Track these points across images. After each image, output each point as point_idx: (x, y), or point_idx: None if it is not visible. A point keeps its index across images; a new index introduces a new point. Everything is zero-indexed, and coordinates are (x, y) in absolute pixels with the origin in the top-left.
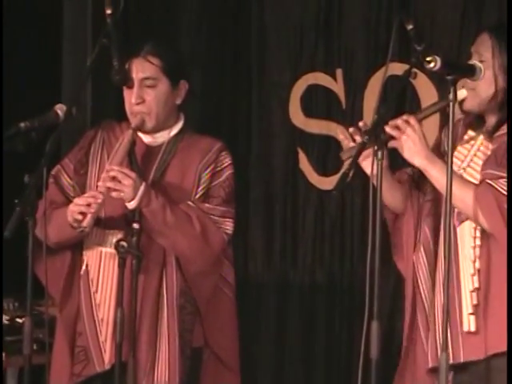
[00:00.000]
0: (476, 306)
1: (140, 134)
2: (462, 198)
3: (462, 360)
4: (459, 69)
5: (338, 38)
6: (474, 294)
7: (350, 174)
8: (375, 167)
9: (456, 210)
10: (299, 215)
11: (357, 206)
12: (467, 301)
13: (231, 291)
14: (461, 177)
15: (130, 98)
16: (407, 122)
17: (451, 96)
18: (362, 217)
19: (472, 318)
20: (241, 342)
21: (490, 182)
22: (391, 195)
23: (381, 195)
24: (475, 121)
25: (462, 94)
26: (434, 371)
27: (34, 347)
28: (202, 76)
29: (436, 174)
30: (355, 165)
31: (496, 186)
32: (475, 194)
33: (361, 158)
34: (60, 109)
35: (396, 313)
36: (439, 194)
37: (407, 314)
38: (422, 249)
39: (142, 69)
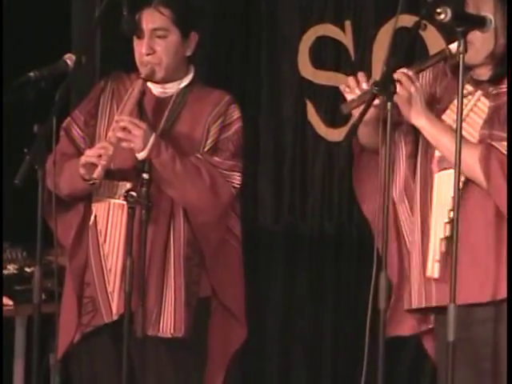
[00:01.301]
0: (443, 254)
1: (150, 86)
2: (463, 156)
3: (422, 304)
4: (469, 21)
5: None
6: (444, 242)
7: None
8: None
9: (437, 156)
10: (308, 167)
11: None
12: (435, 247)
13: (238, 243)
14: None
15: (141, 48)
16: (409, 76)
17: (461, 48)
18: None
19: (437, 265)
20: (249, 294)
21: (495, 144)
22: (369, 135)
23: (390, 147)
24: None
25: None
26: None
27: (43, 296)
28: (211, 28)
29: (433, 132)
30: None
31: (500, 149)
32: (480, 155)
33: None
34: (69, 58)
35: None
36: (418, 134)
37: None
38: (403, 191)
39: (152, 19)
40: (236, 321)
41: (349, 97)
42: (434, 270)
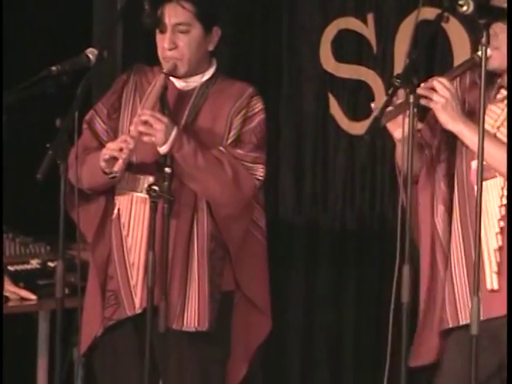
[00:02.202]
0: (499, 265)
1: (172, 79)
2: (498, 157)
3: (482, 318)
4: (492, 12)
5: None
6: (498, 253)
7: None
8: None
9: (474, 168)
10: (329, 160)
11: (388, 150)
12: (491, 259)
13: (262, 235)
14: (494, 136)
15: (163, 43)
16: (443, 83)
17: (484, 40)
18: (393, 161)
19: (495, 276)
20: (271, 286)
21: None
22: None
23: (413, 140)
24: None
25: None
26: (447, 334)
27: (66, 291)
28: (232, 20)
29: (472, 138)
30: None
31: None
32: None
33: (393, 126)
34: (91, 52)
35: None
36: (453, 151)
37: (423, 283)
38: (443, 209)
39: (175, 14)
40: (260, 313)
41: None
42: (492, 281)
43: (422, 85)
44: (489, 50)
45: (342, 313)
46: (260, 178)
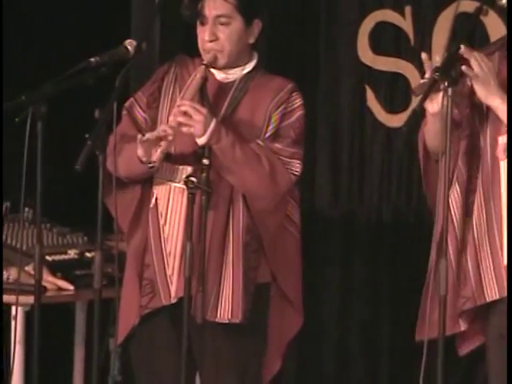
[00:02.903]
0: None
1: (213, 71)
2: None
3: (497, 296)
4: None
5: None
6: None
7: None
8: (445, 103)
9: (502, 143)
10: (366, 153)
11: None
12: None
13: (296, 230)
14: None
15: (203, 34)
16: (482, 57)
17: None
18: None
19: None
20: (307, 280)
21: None
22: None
23: (450, 131)
24: None
25: None
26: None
27: (104, 282)
28: (269, 13)
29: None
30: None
31: None
32: None
33: (427, 101)
34: (130, 44)
35: None
36: (476, 128)
37: (436, 250)
38: (457, 186)
39: (215, 6)
40: (293, 308)
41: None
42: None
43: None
44: None
45: (377, 306)
46: (296, 173)
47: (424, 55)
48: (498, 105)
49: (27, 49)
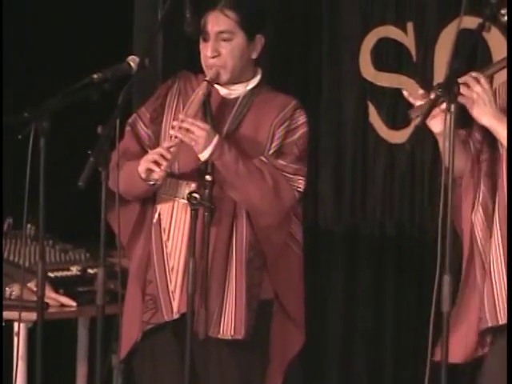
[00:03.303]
0: None
1: (216, 86)
2: None
3: None
4: None
5: None
6: None
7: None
8: (448, 121)
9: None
10: (369, 168)
11: (427, 158)
12: None
13: (299, 249)
14: None
15: (206, 51)
16: (477, 79)
17: None
18: (432, 170)
19: None
20: (311, 294)
21: None
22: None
23: (453, 149)
24: None
25: None
26: (485, 332)
27: (106, 298)
28: (272, 28)
29: (505, 134)
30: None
31: None
32: None
33: (429, 118)
34: (132, 60)
35: None
36: (496, 151)
37: (464, 274)
38: (480, 209)
39: (217, 22)
40: (295, 327)
41: (416, 103)
42: None
43: (459, 80)
44: None
45: (381, 321)
46: (300, 189)
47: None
48: (494, 125)
49: (28, 64)
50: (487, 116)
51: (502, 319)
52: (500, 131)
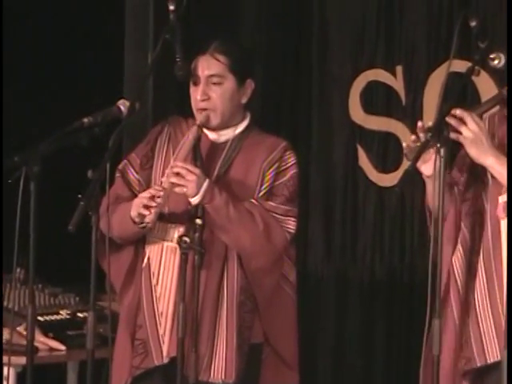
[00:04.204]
0: None
1: (205, 131)
2: None
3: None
4: None
5: (399, 34)
6: None
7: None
8: (438, 164)
9: (502, 202)
10: (359, 211)
11: (417, 201)
12: None
13: (292, 290)
14: None
15: (196, 94)
16: (472, 117)
17: None
18: (423, 213)
19: None
20: (301, 337)
21: None
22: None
23: (443, 191)
24: None
25: None
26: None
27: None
28: (262, 71)
29: (502, 171)
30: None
31: None
32: None
33: (419, 162)
34: (123, 104)
35: None
36: (478, 190)
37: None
38: (460, 248)
39: (208, 66)
40: (288, 368)
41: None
42: None
43: (454, 113)
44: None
45: (371, 365)
46: (291, 230)
47: (420, 124)
48: (493, 164)
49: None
50: (485, 155)
51: (490, 357)
52: (497, 168)
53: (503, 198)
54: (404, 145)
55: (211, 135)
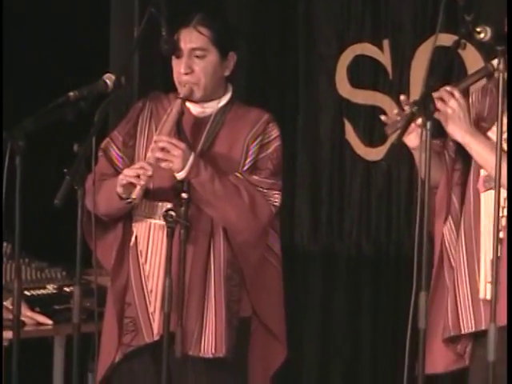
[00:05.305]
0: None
1: (188, 105)
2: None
3: (483, 327)
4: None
5: (386, 8)
6: (494, 263)
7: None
8: (423, 137)
9: (482, 176)
10: (345, 186)
11: (403, 176)
12: (487, 269)
13: (277, 261)
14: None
15: (179, 67)
16: (452, 94)
17: (501, 66)
18: (409, 188)
19: (489, 286)
20: (287, 313)
21: None
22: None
23: (429, 166)
24: None
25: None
26: (451, 341)
27: (82, 316)
28: (248, 47)
29: (478, 149)
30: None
31: None
32: None
33: (404, 134)
34: (108, 78)
35: None
36: (469, 162)
37: (433, 285)
38: (450, 220)
39: (191, 39)
40: (276, 341)
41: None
42: (486, 291)
43: (433, 94)
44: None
45: (358, 339)
46: (276, 204)
47: (402, 97)
48: (469, 142)
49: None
50: (461, 131)
51: (465, 328)
52: (473, 147)
53: (484, 172)
54: (383, 118)
55: (194, 109)
